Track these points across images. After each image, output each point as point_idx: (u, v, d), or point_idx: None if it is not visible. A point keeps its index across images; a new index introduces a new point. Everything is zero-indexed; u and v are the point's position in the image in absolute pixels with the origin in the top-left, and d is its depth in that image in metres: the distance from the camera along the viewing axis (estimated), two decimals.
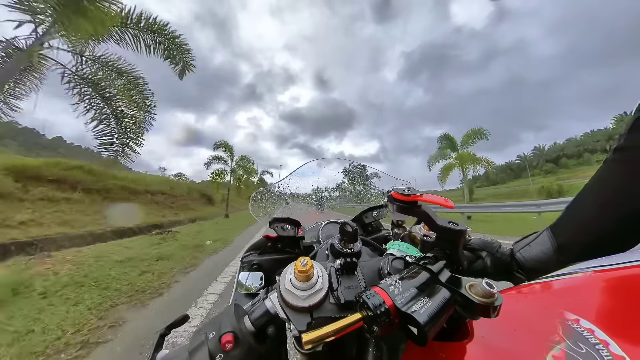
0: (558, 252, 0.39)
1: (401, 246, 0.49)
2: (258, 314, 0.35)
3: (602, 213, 0.38)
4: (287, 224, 0.75)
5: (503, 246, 0.47)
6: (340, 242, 0.46)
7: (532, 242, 0.43)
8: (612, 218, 0.36)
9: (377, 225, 0.84)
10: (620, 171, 0.38)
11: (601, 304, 0.37)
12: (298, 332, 0.32)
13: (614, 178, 0.39)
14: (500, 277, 0.44)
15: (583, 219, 0.40)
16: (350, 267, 0.41)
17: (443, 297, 0.30)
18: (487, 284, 0.29)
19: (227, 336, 0.31)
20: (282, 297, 0.35)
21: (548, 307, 0.38)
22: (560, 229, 0.41)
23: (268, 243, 0.76)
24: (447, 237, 0.40)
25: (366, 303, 0.29)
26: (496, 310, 0.28)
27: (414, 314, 0.28)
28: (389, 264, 0.43)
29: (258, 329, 0.34)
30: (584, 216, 0.40)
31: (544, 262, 0.40)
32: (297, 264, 0.35)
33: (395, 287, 0.31)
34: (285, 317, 0.34)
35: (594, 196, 0.40)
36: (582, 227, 0.39)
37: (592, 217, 0.39)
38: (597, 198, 0.40)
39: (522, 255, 0.42)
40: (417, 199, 0.42)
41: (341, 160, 1.10)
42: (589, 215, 0.39)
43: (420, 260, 0.37)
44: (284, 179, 1.02)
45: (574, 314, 0.33)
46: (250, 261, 0.74)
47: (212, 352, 0.30)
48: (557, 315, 0.34)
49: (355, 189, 1.25)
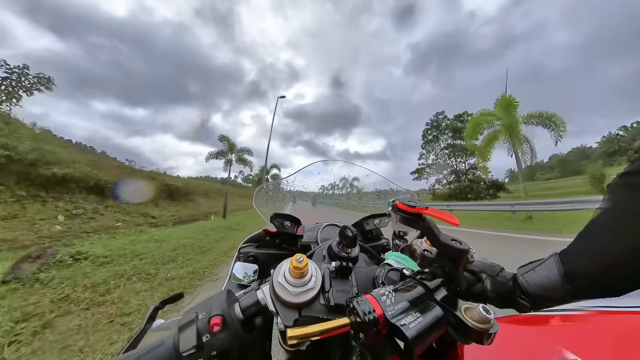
0: (565, 280, 0.37)
1: (399, 258, 0.48)
2: (248, 303, 0.36)
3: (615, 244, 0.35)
4: (287, 221, 0.75)
5: (505, 270, 0.45)
6: (338, 245, 0.46)
7: (537, 267, 0.41)
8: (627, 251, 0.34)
9: (377, 233, 0.84)
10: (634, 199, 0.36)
11: (604, 348, 0.35)
12: (284, 327, 0.32)
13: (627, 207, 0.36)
14: (502, 303, 0.42)
15: (594, 247, 0.38)
16: (345, 272, 0.41)
17: (435, 315, 0.29)
18: (484, 309, 0.28)
19: (216, 319, 0.32)
20: (274, 290, 0.35)
21: (546, 343, 0.36)
22: (569, 255, 0.39)
23: (267, 237, 0.77)
24: (449, 255, 0.39)
25: (356, 309, 0.29)
26: (490, 337, 0.27)
27: (402, 327, 0.27)
28: (384, 273, 0.42)
29: (247, 317, 0.35)
30: (595, 245, 0.38)
31: (549, 288, 0.38)
32: (293, 260, 0.35)
33: (387, 298, 0.30)
34: (274, 310, 0.34)
35: (607, 224, 0.38)
36: (593, 256, 0.37)
37: (604, 247, 0.37)
38: (610, 226, 0.37)
39: (526, 280, 0.40)
40: (421, 212, 0.41)
41: (346, 162, 1.11)
42: (601, 244, 0.37)
43: (417, 274, 0.37)
44: (289, 176, 1.03)
45: (573, 354, 0.32)
46: (247, 252, 0.75)
47: (200, 331, 0.31)
48: (555, 352, 0.33)
49: (357, 193, 1.25)
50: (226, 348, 0.32)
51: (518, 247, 5.12)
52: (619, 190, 0.38)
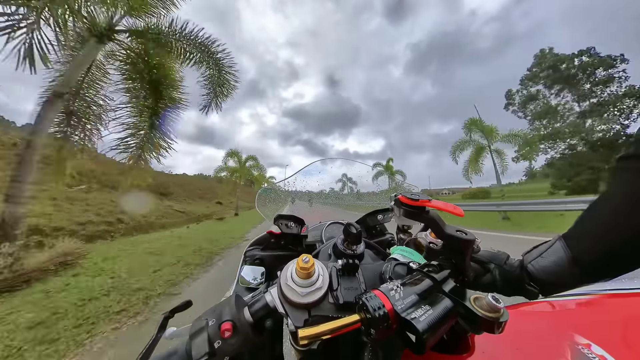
0: (573, 264, 0.37)
1: (405, 251, 0.48)
2: (257, 307, 0.36)
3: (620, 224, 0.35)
4: (291, 222, 0.75)
5: (512, 258, 0.45)
6: (343, 242, 0.46)
7: (545, 253, 0.41)
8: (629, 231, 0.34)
9: (382, 228, 0.83)
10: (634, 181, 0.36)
11: (616, 331, 0.35)
12: (295, 328, 0.32)
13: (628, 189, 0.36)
14: (511, 291, 0.42)
15: (599, 230, 0.38)
16: (352, 269, 0.41)
17: (445, 307, 0.29)
18: (493, 298, 0.28)
19: (226, 324, 0.32)
20: (282, 292, 0.35)
21: (557, 328, 0.36)
22: (575, 239, 0.39)
23: (271, 239, 0.77)
24: (454, 246, 0.39)
25: (365, 305, 0.29)
26: (501, 326, 0.27)
27: (413, 320, 0.27)
28: (391, 268, 0.42)
29: (256, 320, 0.35)
30: (599, 227, 0.38)
31: (558, 274, 0.38)
32: (299, 260, 0.35)
33: (396, 292, 0.30)
34: (283, 311, 0.34)
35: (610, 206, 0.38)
36: (599, 239, 0.37)
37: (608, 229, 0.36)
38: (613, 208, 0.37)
39: (534, 266, 0.40)
40: (425, 205, 0.41)
41: (346, 160, 1.11)
42: (605, 226, 0.37)
43: (424, 267, 0.36)
44: (290, 177, 1.03)
45: (585, 338, 0.32)
46: (253, 255, 0.75)
47: (211, 338, 0.31)
48: (567, 337, 0.32)
49: (359, 190, 1.24)
50: (238, 352, 0.32)
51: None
52: (620, 173, 0.38)
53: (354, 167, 1.12)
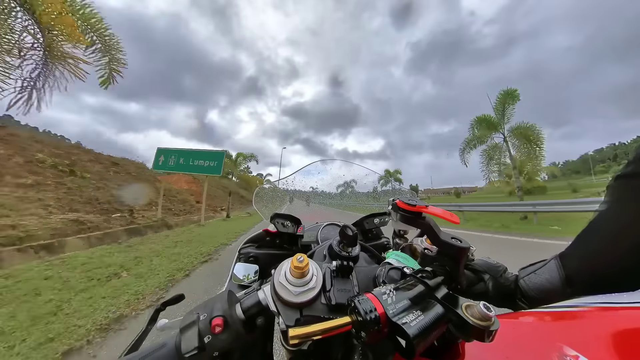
0: (565, 283, 0.37)
1: (400, 256, 0.48)
2: (250, 303, 0.36)
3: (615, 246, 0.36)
4: (287, 221, 0.75)
5: (509, 272, 0.45)
6: (339, 244, 0.46)
7: (539, 270, 0.41)
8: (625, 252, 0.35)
9: (378, 232, 0.84)
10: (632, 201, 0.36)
11: (604, 343, 0.35)
12: (286, 327, 0.32)
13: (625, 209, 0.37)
14: (501, 303, 0.42)
15: (594, 250, 0.38)
16: (346, 271, 0.41)
17: (436, 313, 0.29)
18: (484, 306, 0.28)
19: (218, 320, 0.32)
20: (275, 290, 0.35)
21: (546, 339, 0.36)
22: (570, 259, 0.39)
23: (267, 237, 0.77)
24: (449, 253, 0.39)
25: (357, 307, 0.29)
26: (491, 334, 0.27)
27: (404, 325, 0.27)
28: (385, 272, 0.42)
29: (248, 317, 0.35)
30: (595, 248, 0.38)
31: (549, 292, 0.39)
32: (294, 259, 0.35)
33: (388, 296, 0.30)
34: (275, 310, 0.34)
35: (606, 227, 0.38)
36: (593, 260, 0.38)
37: (603, 249, 0.37)
38: (610, 229, 0.38)
39: (526, 283, 0.41)
40: (422, 210, 0.41)
41: (345, 162, 1.11)
42: (600, 247, 0.37)
43: (418, 273, 0.37)
44: (288, 176, 1.03)
45: (574, 350, 0.32)
46: (248, 253, 0.75)
47: (202, 332, 0.31)
48: (555, 349, 0.33)
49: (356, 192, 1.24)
50: (228, 349, 0.32)
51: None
52: (616, 192, 0.39)
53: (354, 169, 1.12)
